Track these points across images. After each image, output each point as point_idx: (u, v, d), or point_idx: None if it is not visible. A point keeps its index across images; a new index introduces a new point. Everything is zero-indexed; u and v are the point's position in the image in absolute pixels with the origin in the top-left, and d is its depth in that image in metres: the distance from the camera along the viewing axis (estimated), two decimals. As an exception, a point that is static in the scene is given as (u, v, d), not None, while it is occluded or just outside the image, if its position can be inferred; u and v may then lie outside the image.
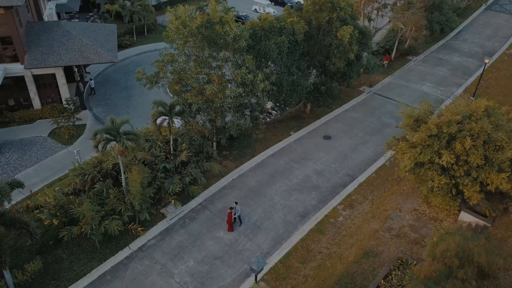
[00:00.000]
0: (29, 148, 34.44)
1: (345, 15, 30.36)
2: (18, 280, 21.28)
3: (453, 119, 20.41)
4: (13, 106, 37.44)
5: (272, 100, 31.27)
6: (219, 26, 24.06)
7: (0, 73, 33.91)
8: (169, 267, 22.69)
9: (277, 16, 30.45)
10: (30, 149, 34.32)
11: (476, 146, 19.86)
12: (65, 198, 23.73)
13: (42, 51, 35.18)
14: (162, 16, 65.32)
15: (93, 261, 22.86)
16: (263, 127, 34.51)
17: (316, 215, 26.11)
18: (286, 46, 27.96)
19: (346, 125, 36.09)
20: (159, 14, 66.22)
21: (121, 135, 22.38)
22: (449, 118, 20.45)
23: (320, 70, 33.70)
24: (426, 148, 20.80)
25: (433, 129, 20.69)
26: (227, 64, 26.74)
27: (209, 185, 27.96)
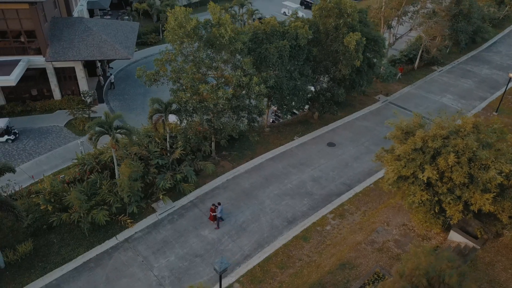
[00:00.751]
0: (45, 136, 36.39)
1: (352, 22, 29.94)
2: (8, 259, 22.64)
3: (438, 133, 19.72)
4: (36, 96, 39.66)
5: (275, 104, 31.34)
6: (215, 28, 24.48)
7: (23, 64, 36.07)
8: (151, 260, 23.35)
9: (283, 21, 30.51)
10: (46, 138, 36.26)
11: (461, 163, 19.08)
12: (60, 186, 24.96)
13: (63, 45, 37.07)
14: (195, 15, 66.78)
15: (81, 248, 23.91)
16: (267, 130, 34.73)
17: (304, 222, 25.95)
18: (287, 51, 27.98)
19: (354, 133, 35.53)
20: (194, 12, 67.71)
21: (112, 129, 23.29)
22: (434, 132, 19.78)
23: (328, 76, 33.40)
24: (410, 161, 20.22)
25: (418, 143, 20.10)
26: (227, 65, 27.11)
27: (202, 184, 28.47)
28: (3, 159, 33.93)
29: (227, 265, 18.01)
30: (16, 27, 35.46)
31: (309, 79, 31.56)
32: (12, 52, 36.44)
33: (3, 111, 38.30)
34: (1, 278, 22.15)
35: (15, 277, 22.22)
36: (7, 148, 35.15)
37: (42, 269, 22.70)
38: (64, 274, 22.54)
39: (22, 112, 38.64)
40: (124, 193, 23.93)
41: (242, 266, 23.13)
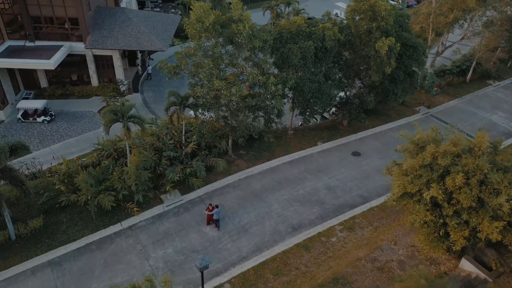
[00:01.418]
0: (78, 120, 38.91)
1: (386, 26, 29.04)
2: (19, 232, 24.55)
3: (449, 150, 18.64)
4: (76, 81, 42.48)
5: (298, 106, 31.17)
6: (235, 24, 24.88)
7: (65, 50, 38.78)
8: (149, 250, 24.25)
9: (313, 21, 30.25)
10: (79, 121, 38.75)
11: (471, 186, 17.92)
12: (74, 168, 26.62)
13: (103, 34, 39.36)
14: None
15: (86, 229, 25.35)
16: (291, 133, 34.62)
17: (309, 231, 25.64)
18: (311, 52, 27.75)
19: (383, 144, 34.43)
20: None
21: (125, 117, 24.48)
22: (445, 149, 18.72)
23: (359, 81, 32.66)
24: (417, 178, 19.32)
25: (427, 159, 19.14)
26: (248, 63, 27.41)
27: (213, 180, 29.02)
28: (37, 139, 36.78)
29: (208, 262, 18.29)
30: (61, 14, 38.21)
31: (335, 83, 31.06)
32: (56, 38, 39.29)
33: (45, 93, 41.40)
34: (10, 249, 24.06)
35: (22, 249, 24.05)
36: (42, 129, 37.99)
37: (48, 245, 24.36)
38: (66, 252, 24.04)
39: (62, 95, 41.54)
40: (131, 181, 25.03)
41: (236, 267, 23.34)
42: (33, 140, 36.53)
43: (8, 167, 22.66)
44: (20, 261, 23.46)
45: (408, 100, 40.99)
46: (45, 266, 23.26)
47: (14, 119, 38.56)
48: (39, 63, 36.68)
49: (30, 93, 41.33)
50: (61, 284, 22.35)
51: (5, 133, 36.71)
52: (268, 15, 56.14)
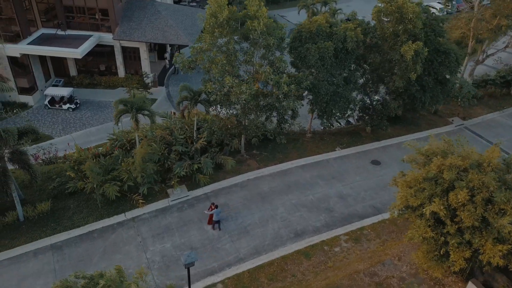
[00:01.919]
0: (102, 110, 40.56)
1: (413, 29, 28.20)
2: (27, 214, 25.96)
3: (455, 163, 17.84)
4: (103, 71, 44.25)
5: (316, 109, 30.88)
6: (250, 21, 25.05)
7: (94, 40, 40.51)
8: (148, 242, 24.91)
9: (336, 21, 29.89)
10: (102, 111, 40.39)
11: (475, 203, 17.08)
12: (84, 155, 27.80)
13: (131, 26, 40.77)
14: (279, 10, 68.12)
15: (91, 217, 26.42)
16: (309, 136, 34.37)
17: (312, 238, 25.38)
18: (330, 53, 27.44)
19: (406, 154, 33.35)
20: (276, 8, 69.14)
21: (133, 108, 25.29)
22: (451, 162, 17.94)
23: (383, 87, 31.94)
24: (420, 191, 18.66)
25: (431, 171, 18.44)
26: (264, 61, 27.50)
27: (222, 179, 29.35)
28: (61, 125, 38.70)
29: (194, 259, 18.57)
30: (93, 5, 39.96)
31: (357, 87, 30.52)
32: (87, 28, 41.13)
33: (73, 82, 43.46)
34: (18, 229, 25.51)
35: (28, 231, 25.43)
36: (66, 116, 39.94)
37: (53, 229, 25.61)
38: (69, 238, 25.17)
39: (89, 84, 43.44)
40: (137, 172, 25.80)
41: (232, 268, 23.50)
42: (57, 127, 38.49)
43: (19, 150, 24.05)
44: (25, 242, 24.80)
45: (442, 110, 39.56)
46: (47, 250, 24.46)
47: (42, 105, 40.74)
48: (67, 52, 38.53)
49: (60, 80, 43.50)
50: (59, 268, 23.42)
51: (30, 118, 38.90)
52: (304, 14, 55.88)
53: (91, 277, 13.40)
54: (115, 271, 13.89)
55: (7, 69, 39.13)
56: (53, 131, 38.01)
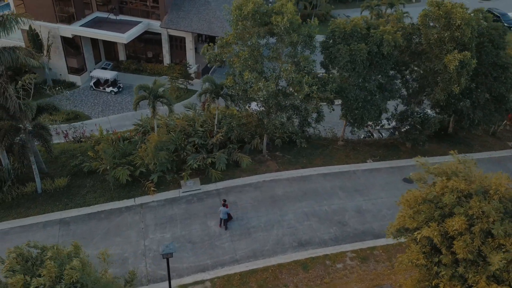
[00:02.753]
0: (142, 96, 42.68)
1: (462, 37, 26.62)
2: (45, 187, 28.28)
3: (457, 187, 16.62)
4: (150, 58, 46.67)
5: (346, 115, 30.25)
6: (275, 16, 25.20)
7: (142, 26, 42.91)
8: (149, 230, 26.07)
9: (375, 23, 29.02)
10: (142, 98, 42.50)
11: (473, 234, 15.83)
12: (105, 138, 29.66)
13: (180, 15, 42.58)
14: (345, 9, 67.20)
15: (102, 198, 28.17)
16: (340, 144, 33.74)
17: (315, 250, 25.01)
18: (363, 56, 26.77)
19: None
20: (343, 7, 68.27)
21: (151, 95, 26.57)
22: (455, 185, 16.75)
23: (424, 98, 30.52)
24: (418, 213, 17.65)
25: (432, 193, 17.37)
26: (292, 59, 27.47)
27: (237, 176, 29.79)
28: (101, 107, 41.50)
29: (172, 251, 19.23)
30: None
31: (393, 95, 29.45)
32: (137, 14, 43.66)
33: (121, 66, 46.33)
34: (34, 200, 27.89)
35: (43, 203, 27.71)
36: (108, 99, 42.72)
37: (65, 205, 27.68)
38: (78, 215, 27.06)
39: (135, 70, 46.04)
40: (148, 159, 27.06)
41: (224, 268, 23.89)
42: (97, 108, 41.34)
43: (40, 124, 26.32)
44: (37, 213, 27.07)
45: (501, 131, 36.88)
46: (56, 223, 26.50)
47: (88, 86, 43.91)
48: (114, 36, 41.17)
49: (109, 64, 46.59)
50: (62, 242, 25.12)
51: (74, 97, 42.13)
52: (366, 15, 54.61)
53: (43, 248, 14.48)
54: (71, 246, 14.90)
55: (59, 48, 42.70)
56: (92, 111, 40.86)
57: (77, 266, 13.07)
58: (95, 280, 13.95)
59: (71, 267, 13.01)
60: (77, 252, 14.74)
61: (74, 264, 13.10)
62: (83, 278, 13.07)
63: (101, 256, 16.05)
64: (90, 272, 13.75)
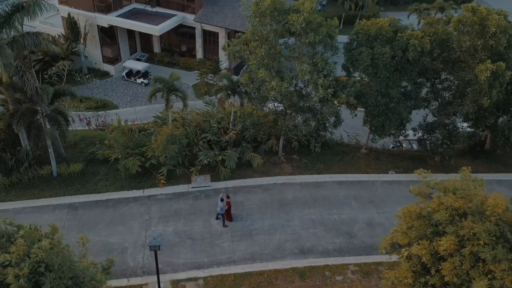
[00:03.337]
0: (171, 89, 43.86)
1: (496, 46, 25.41)
2: (60, 171, 29.81)
3: (453, 205, 15.88)
4: (184, 52, 47.87)
5: (368, 120, 29.67)
6: (292, 14, 25.18)
7: (176, 19, 44.15)
8: (152, 222, 26.84)
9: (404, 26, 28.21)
10: (171, 91, 43.68)
11: (463, 257, 15.10)
12: (122, 128, 30.81)
13: (214, 9, 43.41)
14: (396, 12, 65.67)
15: (112, 186, 29.32)
16: (363, 152, 33.13)
17: (316, 259, 24.77)
18: (386, 61, 26.16)
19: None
20: (394, 10, 66.75)
21: (165, 88, 27.35)
22: (448, 201, 16.04)
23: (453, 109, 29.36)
24: (411, 229, 17.09)
25: (425, 209, 16.75)
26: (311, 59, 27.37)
27: (248, 176, 30.01)
28: (129, 97, 43.09)
29: (158, 243, 19.81)
30: (181, -15, 43.50)
31: (419, 104, 28.57)
32: (173, 7, 44.90)
33: (155, 58, 47.86)
34: (48, 183, 29.48)
35: (56, 187, 29.24)
36: (138, 90, 44.28)
37: (76, 190, 29.06)
38: (87, 201, 28.33)
39: (168, 63, 47.39)
40: (158, 151, 27.84)
41: (220, 268, 24.20)
42: (125, 98, 42.97)
43: (58, 109, 27.81)
44: (49, 196, 28.61)
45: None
46: (65, 207, 27.88)
47: (121, 76, 45.70)
48: (147, 28, 42.59)
49: (144, 55, 48.26)
50: (67, 226, 26.58)
51: (104, 86, 43.99)
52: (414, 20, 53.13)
53: (19, 226, 15.36)
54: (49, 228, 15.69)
55: (96, 37, 44.76)
56: (121, 101, 42.51)
57: (44, 246, 13.77)
58: (65, 262, 14.61)
59: (39, 246, 13.72)
60: (54, 233, 15.50)
61: (42, 244, 13.81)
62: (49, 258, 13.73)
63: (80, 241, 16.81)
64: (60, 254, 14.39)
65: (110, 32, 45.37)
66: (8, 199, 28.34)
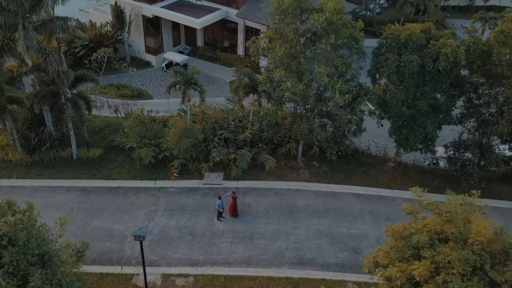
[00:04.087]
0: (208, 84, 44.96)
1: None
2: (80, 154, 31.62)
3: (433, 227, 15.11)
4: (226, 48, 48.84)
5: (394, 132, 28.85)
6: (314, 14, 25.07)
7: (219, 13, 45.25)
8: (157, 215, 27.79)
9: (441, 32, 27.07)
10: (208, 86, 44.54)
11: (438, 284, 14.36)
12: (142, 117, 32.13)
13: (258, 5, 43.94)
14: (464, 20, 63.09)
15: (126, 175, 30.69)
16: (390, 165, 32.22)
17: (314, 272, 24.51)
18: (413, 69, 25.31)
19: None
20: (463, 18, 64.07)
21: (184, 80, 28.23)
22: (429, 223, 15.31)
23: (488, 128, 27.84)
24: (392, 250, 16.52)
25: (406, 230, 16.10)
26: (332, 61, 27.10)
27: (261, 179, 30.21)
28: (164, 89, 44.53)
29: (143, 234, 20.50)
30: (228, -21, 44.48)
31: (450, 119, 27.38)
32: (218, 1, 45.96)
33: (197, 52, 49.26)
34: (68, 165, 31.42)
35: (74, 170, 31.09)
36: (174, 82, 45.65)
37: (91, 175, 30.72)
38: (100, 186, 29.88)
39: (209, 58, 48.62)
40: (171, 144, 28.77)
41: (213, 267, 24.62)
42: (161, 89, 44.57)
43: (80, 93, 29.55)
44: (66, 178, 30.47)
45: None
46: (78, 190, 29.55)
47: (161, 67, 47.49)
48: (187, 20, 43.94)
49: (187, 48, 49.82)
50: (76, 208, 28.18)
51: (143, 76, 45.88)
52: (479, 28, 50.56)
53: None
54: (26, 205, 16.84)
55: (140, 27, 46.83)
56: (156, 92, 44.19)
57: (9, 221, 14.84)
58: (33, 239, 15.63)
59: (4, 221, 14.83)
60: (30, 211, 16.63)
61: (7, 219, 14.89)
62: (12, 233, 14.79)
63: (58, 221, 17.90)
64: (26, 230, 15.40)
65: (155, 22, 47.24)
66: (28, 176, 30.50)
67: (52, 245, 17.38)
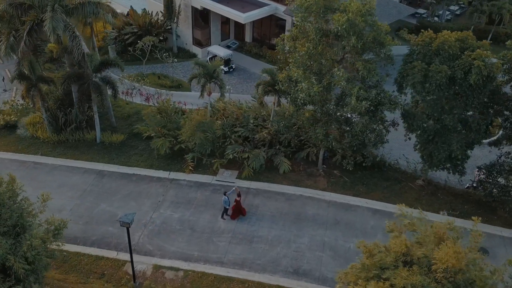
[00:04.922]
0: (247, 81, 45.76)
1: None
2: (103, 138, 33.37)
3: (401, 250, 14.40)
4: (273, 45, 48.89)
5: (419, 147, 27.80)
6: (337, 14, 24.74)
7: (266, 9, 45.65)
8: (163, 205, 28.74)
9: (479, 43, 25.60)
10: (247, 83, 45.54)
11: (395, 309, 13.75)
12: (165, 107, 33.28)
13: (307, 3, 43.83)
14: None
15: (143, 163, 31.98)
16: (418, 183, 31.01)
17: (308, 284, 24.29)
18: (441, 80, 24.26)
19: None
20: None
21: (204, 73, 28.95)
22: (399, 246, 14.58)
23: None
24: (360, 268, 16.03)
25: (376, 248, 15.52)
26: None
27: (276, 182, 30.26)
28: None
29: (128, 221, 21.36)
30: (279, -26, 44.76)
31: (479, 138, 25.93)
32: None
33: (244, 47, 50.00)
34: (90, 147, 33.32)
35: (95, 153, 32.88)
36: (215, 76, 46.66)
37: (110, 159, 32.32)
38: (115, 171, 31.40)
39: (255, 54, 49.19)
40: (185, 136, 29.59)
41: (205, 265, 25.11)
42: (201, 82, 45.67)
43: (106, 78, 31.19)
44: (86, 160, 32.30)
45: None
46: (94, 173, 31.23)
47: (206, 60, 48.68)
48: (233, 13, 44.66)
49: (236, 43, 50.72)
50: (89, 189, 29.82)
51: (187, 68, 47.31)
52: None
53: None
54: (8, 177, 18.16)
55: (189, 18, 48.32)
56: (195, 85, 45.18)
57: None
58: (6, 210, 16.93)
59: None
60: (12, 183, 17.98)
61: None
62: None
63: (41, 197, 19.13)
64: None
65: (204, 14, 48.51)
66: (52, 154, 32.66)
67: (32, 220, 18.70)
